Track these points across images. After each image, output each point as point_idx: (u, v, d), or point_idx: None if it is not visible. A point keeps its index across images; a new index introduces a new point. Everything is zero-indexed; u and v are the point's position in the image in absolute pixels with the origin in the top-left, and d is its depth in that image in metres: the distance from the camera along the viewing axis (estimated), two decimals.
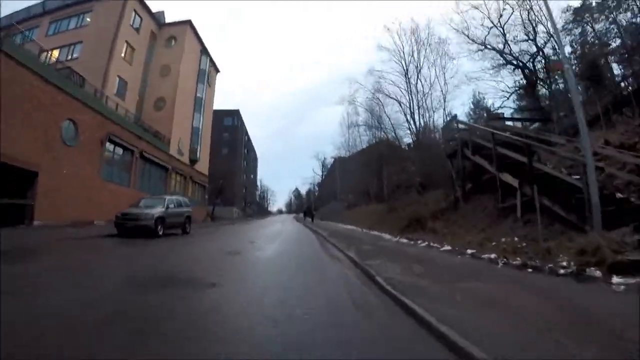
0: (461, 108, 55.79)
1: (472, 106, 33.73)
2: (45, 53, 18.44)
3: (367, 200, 33.77)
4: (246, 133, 69.04)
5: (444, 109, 20.85)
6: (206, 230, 21.14)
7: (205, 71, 33.98)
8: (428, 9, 52.03)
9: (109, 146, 20.09)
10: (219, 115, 56.59)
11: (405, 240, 10.52)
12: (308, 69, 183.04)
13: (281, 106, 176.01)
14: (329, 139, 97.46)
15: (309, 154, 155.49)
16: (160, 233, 13.38)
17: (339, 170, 54.41)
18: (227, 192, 49.41)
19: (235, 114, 58.63)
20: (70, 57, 25.33)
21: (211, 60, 36.40)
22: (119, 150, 21.20)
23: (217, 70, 39.10)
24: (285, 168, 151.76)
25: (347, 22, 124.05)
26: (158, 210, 13.59)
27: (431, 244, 9.00)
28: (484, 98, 29.30)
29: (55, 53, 23.62)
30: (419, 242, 9.77)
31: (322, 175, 55.46)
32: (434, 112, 20.78)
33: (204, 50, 34.58)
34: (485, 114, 28.38)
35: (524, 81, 22.42)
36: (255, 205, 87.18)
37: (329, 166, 56.20)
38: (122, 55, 26.57)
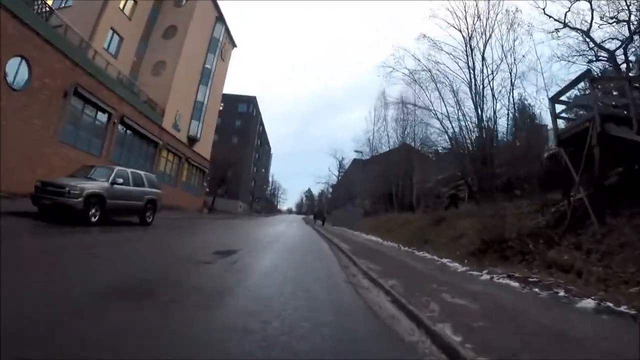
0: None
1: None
2: None
3: (388, 207, 28.63)
4: (261, 123, 64.68)
5: (510, 96, 15.46)
6: (188, 222, 16.42)
7: (218, 41, 29.55)
8: None
9: (77, 102, 15.63)
10: (233, 100, 52.54)
11: (510, 282, 5.38)
12: (333, 70, 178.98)
13: (301, 107, 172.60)
14: (347, 143, 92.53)
15: (325, 156, 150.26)
16: (94, 219, 8.68)
17: (358, 173, 49.40)
18: (232, 183, 45.00)
19: (251, 101, 54.33)
20: (64, 4, 21.24)
21: (227, 31, 32.00)
22: (91, 111, 16.75)
23: (234, 45, 34.69)
24: (299, 168, 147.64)
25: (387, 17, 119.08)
26: (95, 186, 8.87)
27: (599, 301, 3.86)
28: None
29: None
30: (550, 289, 4.66)
31: (338, 176, 50.38)
32: (496, 100, 15.40)
33: (220, 18, 30.18)
34: None
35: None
36: (263, 202, 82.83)
37: (346, 167, 51.11)
38: (121, 6, 22.34)
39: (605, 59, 15.05)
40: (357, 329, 2.99)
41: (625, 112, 7.08)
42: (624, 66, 13.64)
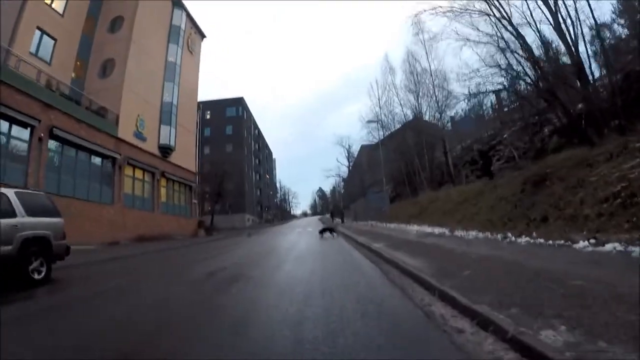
0: None
1: None
2: None
3: (418, 186, 23.39)
4: (255, 126, 59.77)
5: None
6: (150, 258, 11.39)
7: (180, 29, 24.64)
8: None
9: None
10: (219, 105, 47.92)
11: None
12: (327, 68, 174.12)
13: (299, 109, 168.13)
14: (353, 132, 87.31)
15: (331, 153, 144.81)
16: None
17: (374, 152, 44.00)
18: (234, 196, 40.21)
19: (239, 103, 49.47)
20: None
21: (190, 19, 27.12)
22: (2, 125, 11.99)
23: (203, 35, 29.80)
24: (308, 170, 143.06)
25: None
26: None
27: None
28: None
29: None
30: None
31: (348, 166, 45.05)
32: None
33: (178, 3, 25.27)
34: None
35: None
36: (275, 209, 78.14)
37: (354, 155, 45.82)
38: (47, 1, 17.67)
39: None
40: None
41: None
42: None
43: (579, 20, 8.97)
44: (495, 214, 7.41)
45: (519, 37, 10.03)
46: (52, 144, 13.87)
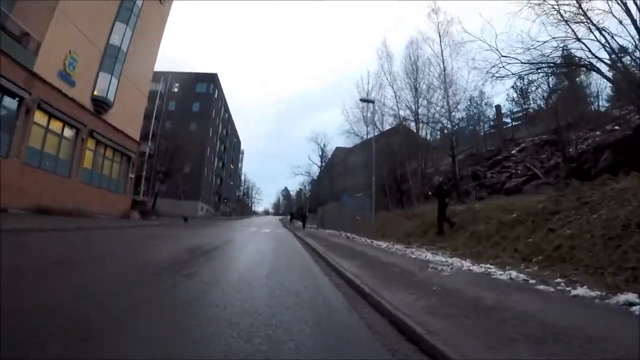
0: None
1: None
2: None
3: (397, 199, 20.66)
4: (227, 109, 54.99)
5: None
6: None
7: None
8: None
9: None
10: (189, 79, 43.07)
11: None
12: (309, 74, 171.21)
13: (277, 109, 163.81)
14: (329, 134, 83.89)
15: (304, 153, 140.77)
16: None
17: (340, 162, 41.08)
18: (187, 179, 35.59)
19: (211, 79, 44.67)
20: None
21: None
22: None
23: None
24: (276, 171, 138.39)
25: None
26: None
27: None
28: None
29: None
30: None
31: (320, 166, 41.83)
32: None
33: None
34: None
35: None
36: (235, 202, 73.17)
37: (328, 156, 42.76)
38: None
39: None
40: None
41: None
42: None
43: None
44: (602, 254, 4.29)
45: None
46: None
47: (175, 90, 43.23)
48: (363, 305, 3.30)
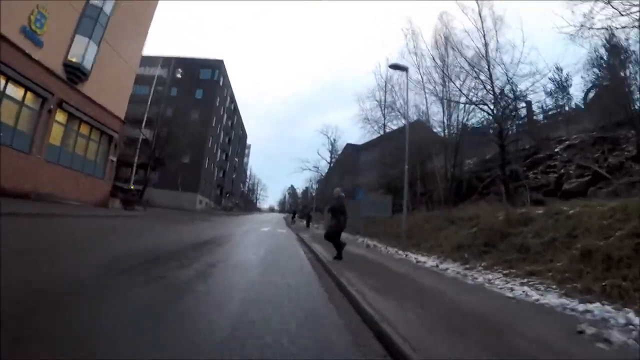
0: None
1: None
2: None
3: (419, 201, 17.82)
4: (233, 99, 52.54)
5: None
6: None
7: None
8: None
9: None
10: (193, 65, 40.78)
11: None
12: (315, 74, 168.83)
13: (287, 109, 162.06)
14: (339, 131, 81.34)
15: (313, 150, 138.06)
16: None
17: (351, 160, 38.24)
18: (186, 169, 33.26)
19: (217, 66, 42.20)
20: None
21: None
22: None
23: None
24: (281, 170, 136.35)
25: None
26: None
27: None
28: None
29: None
30: None
31: (330, 162, 38.99)
32: None
33: None
34: None
35: None
36: (238, 198, 70.92)
37: (338, 152, 39.97)
38: None
39: None
40: None
41: None
42: None
43: None
44: None
45: None
46: None
47: (178, 75, 41.01)
48: None
